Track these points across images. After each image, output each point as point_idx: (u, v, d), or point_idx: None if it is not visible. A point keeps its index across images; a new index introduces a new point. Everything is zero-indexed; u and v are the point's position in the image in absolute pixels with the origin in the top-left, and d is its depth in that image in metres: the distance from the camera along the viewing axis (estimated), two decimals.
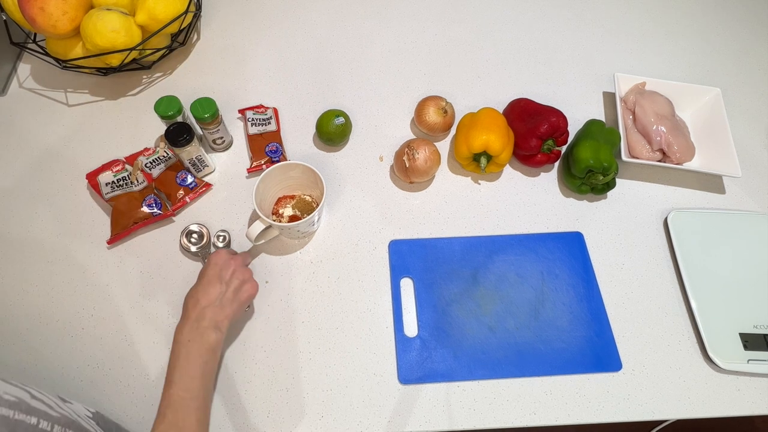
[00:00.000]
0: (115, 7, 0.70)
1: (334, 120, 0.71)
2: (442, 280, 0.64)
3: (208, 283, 0.54)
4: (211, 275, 0.55)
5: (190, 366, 0.49)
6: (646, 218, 0.71)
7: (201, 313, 0.52)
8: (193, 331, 0.51)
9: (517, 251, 0.67)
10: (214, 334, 0.51)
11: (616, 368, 0.60)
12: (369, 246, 0.67)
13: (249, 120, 0.73)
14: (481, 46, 0.87)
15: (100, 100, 0.78)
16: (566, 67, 0.85)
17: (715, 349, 0.60)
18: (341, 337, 0.61)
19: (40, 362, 0.59)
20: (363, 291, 0.64)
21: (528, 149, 0.70)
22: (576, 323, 0.62)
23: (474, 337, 0.61)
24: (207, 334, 0.51)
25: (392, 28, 0.89)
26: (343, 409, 0.57)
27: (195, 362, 0.50)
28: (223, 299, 0.54)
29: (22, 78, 0.80)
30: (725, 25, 0.93)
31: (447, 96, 0.77)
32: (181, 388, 0.48)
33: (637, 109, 0.75)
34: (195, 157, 0.67)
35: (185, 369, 0.49)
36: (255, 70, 0.82)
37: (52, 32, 0.68)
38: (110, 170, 0.66)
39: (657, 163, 0.72)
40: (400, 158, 0.69)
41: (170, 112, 0.66)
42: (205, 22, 0.88)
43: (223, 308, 0.53)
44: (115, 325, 0.61)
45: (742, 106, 0.82)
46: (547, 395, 0.58)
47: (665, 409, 0.58)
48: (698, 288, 0.64)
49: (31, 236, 0.66)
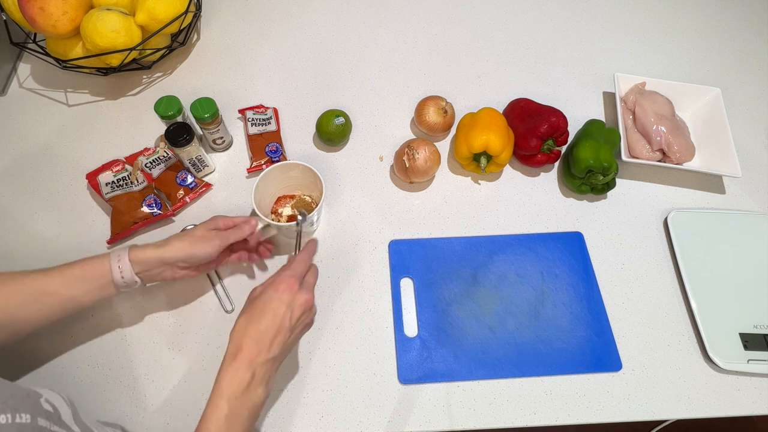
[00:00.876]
0: (115, 7, 0.70)
1: (334, 120, 0.71)
2: (442, 280, 0.64)
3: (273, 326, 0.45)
4: (278, 318, 0.46)
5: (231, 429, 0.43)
6: (646, 218, 0.71)
7: (256, 364, 0.44)
8: (242, 386, 0.43)
9: (517, 251, 0.67)
10: (264, 392, 0.45)
11: (616, 368, 0.60)
12: (369, 246, 0.67)
13: (249, 120, 0.73)
14: (481, 46, 0.87)
15: (100, 100, 0.78)
16: (566, 67, 0.85)
17: (715, 349, 0.60)
18: (341, 337, 0.61)
19: (39, 363, 0.58)
20: (363, 291, 0.64)
21: (528, 149, 0.70)
22: (576, 323, 0.62)
23: (474, 337, 0.61)
24: (256, 392, 0.44)
25: (392, 28, 0.89)
26: (343, 409, 0.57)
27: (236, 426, 0.43)
28: (284, 348, 0.47)
29: (22, 78, 0.80)
30: (725, 25, 0.93)
31: (447, 96, 0.77)
32: None
33: (637, 109, 0.75)
34: (195, 157, 0.67)
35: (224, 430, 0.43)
36: (255, 70, 0.82)
37: (52, 32, 0.68)
38: (110, 170, 0.66)
39: (657, 163, 0.72)
40: (400, 158, 0.69)
41: (170, 112, 0.66)
42: (205, 22, 0.88)
43: (277, 360, 0.46)
44: (115, 325, 0.61)
45: (742, 106, 0.82)
46: (547, 395, 0.58)
47: (665, 409, 0.58)
48: (698, 288, 0.64)
49: (31, 236, 0.66)
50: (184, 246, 0.53)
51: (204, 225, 0.56)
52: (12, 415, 0.33)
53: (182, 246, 0.53)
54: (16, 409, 0.34)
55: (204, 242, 0.54)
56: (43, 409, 0.37)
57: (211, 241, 0.54)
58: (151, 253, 0.53)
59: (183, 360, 0.59)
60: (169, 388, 0.57)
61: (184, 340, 0.60)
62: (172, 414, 0.56)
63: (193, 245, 0.54)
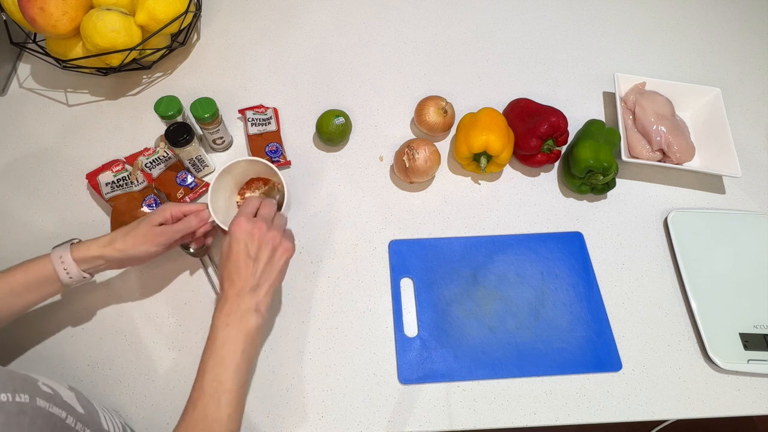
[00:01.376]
0: (115, 7, 0.70)
1: (334, 120, 0.71)
2: (442, 280, 0.64)
3: (237, 261, 0.49)
4: (238, 254, 0.49)
5: (226, 355, 0.46)
6: (646, 218, 0.71)
7: (238, 294, 0.48)
8: (232, 314, 0.47)
9: (517, 251, 0.67)
10: (253, 318, 0.48)
11: (616, 368, 0.60)
12: (369, 246, 0.67)
13: (249, 120, 0.73)
14: (481, 45, 0.87)
15: (100, 100, 0.78)
16: (566, 67, 0.85)
17: (715, 349, 0.60)
18: (341, 337, 0.61)
19: (39, 363, 0.58)
20: (363, 291, 0.64)
21: (528, 149, 0.70)
22: (576, 323, 0.62)
23: (474, 337, 0.61)
24: (246, 318, 0.48)
25: (392, 28, 0.89)
26: (344, 409, 0.57)
27: (231, 350, 0.46)
28: (258, 277, 0.49)
29: (22, 78, 0.80)
30: (725, 25, 0.93)
31: (447, 96, 0.77)
32: (214, 379, 0.45)
33: (637, 109, 0.75)
34: (195, 157, 0.67)
35: (220, 357, 0.46)
36: (255, 70, 0.82)
37: (52, 32, 0.68)
38: (110, 170, 0.66)
39: (657, 163, 0.72)
40: (400, 158, 0.69)
41: (170, 112, 0.66)
42: (205, 22, 0.88)
43: (260, 287, 0.49)
44: (115, 325, 0.61)
45: (742, 106, 0.82)
46: (547, 395, 0.58)
47: (665, 409, 0.58)
48: (698, 288, 0.64)
49: (31, 236, 0.66)
50: (127, 247, 0.53)
51: (149, 220, 0.55)
52: (12, 394, 0.34)
53: (124, 247, 0.53)
54: (15, 390, 0.34)
55: (147, 243, 0.54)
56: (42, 390, 0.37)
57: (156, 239, 0.54)
58: (95, 251, 0.53)
59: (182, 359, 0.59)
60: (169, 387, 0.57)
61: (183, 339, 0.60)
62: (171, 413, 0.56)
63: (135, 247, 0.53)
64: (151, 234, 0.54)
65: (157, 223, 0.55)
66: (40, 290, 0.52)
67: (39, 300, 0.53)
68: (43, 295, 0.53)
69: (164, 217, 0.55)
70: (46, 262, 0.52)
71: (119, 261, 0.54)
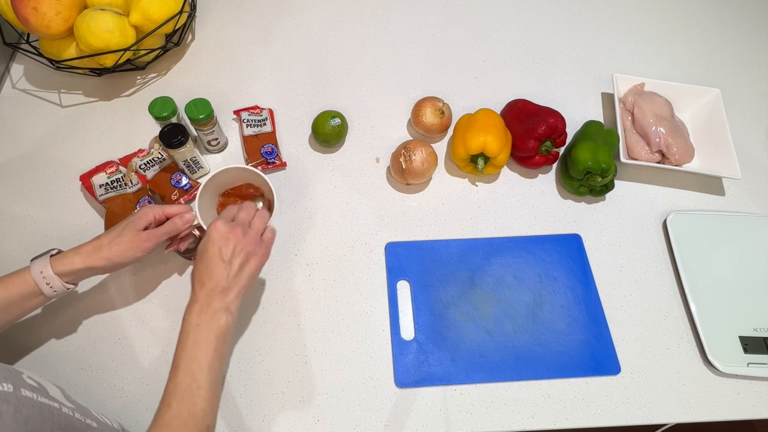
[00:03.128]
0: (109, 8, 0.69)
1: (330, 121, 0.71)
2: (439, 283, 0.64)
3: (209, 262, 0.50)
4: (211, 255, 0.50)
5: (198, 352, 0.47)
6: (645, 220, 0.70)
7: (209, 295, 0.49)
8: (203, 314, 0.48)
9: (515, 253, 0.66)
10: (224, 317, 0.48)
11: (615, 372, 0.59)
12: (365, 248, 0.67)
13: (244, 121, 0.72)
14: (479, 46, 0.87)
15: (93, 101, 0.78)
16: (564, 68, 0.85)
17: (715, 352, 0.59)
18: (337, 340, 0.60)
19: (32, 366, 0.58)
20: (359, 294, 0.63)
21: (526, 150, 0.69)
22: (574, 326, 0.62)
23: (471, 340, 0.60)
24: (217, 317, 0.48)
25: (389, 28, 0.88)
26: (340, 413, 0.56)
27: (203, 348, 0.47)
28: (230, 280, 0.50)
29: (15, 79, 0.80)
30: (725, 25, 0.92)
31: (444, 97, 0.77)
32: (188, 376, 0.46)
33: (635, 110, 0.75)
34: (190, 158, 0.67)
35: (193, 355, 0.46)
36: (250, 71, 0.82)
37: (46, 32, 0.67)
38: (104, 172, 0.65)
39: (656, 164, 0.71)
40: (397, 160, 0.68)
41: (165, 113, 0.66)
42: (200, 22, 0.87)
43: (231, 289, 0.50)
44: (109, 328, 0.60)
45: (742, 106, 0.82)
46: (545, 399, 0.58)
47: (664, 413, 0.58)
48: (698, 291, 0.63)
49: (24, 238, 0.66)
50: (113, 255, 0.52)
51: (133, 225, 0.54)
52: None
53: (111, 255, 0.52)
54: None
55: (133, 250, 0.53)
56: (27, 383, 0.37)
57: (142, 244, 0.53)
58: (79, 263, 0.52)
59: None
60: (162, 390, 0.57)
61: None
62: None
63: (121, 255, 0.53)
64: (137, 240, 0.53)
65: (141, 228, 0.54)
66: (23, 305, 0.51)
67: (23, 314, 0.53)
68: (27, 309, 0.52)
69: (148, 221, 0.55)
70: (26, 277, 0.51)
71: (105, 269, 0.54)
